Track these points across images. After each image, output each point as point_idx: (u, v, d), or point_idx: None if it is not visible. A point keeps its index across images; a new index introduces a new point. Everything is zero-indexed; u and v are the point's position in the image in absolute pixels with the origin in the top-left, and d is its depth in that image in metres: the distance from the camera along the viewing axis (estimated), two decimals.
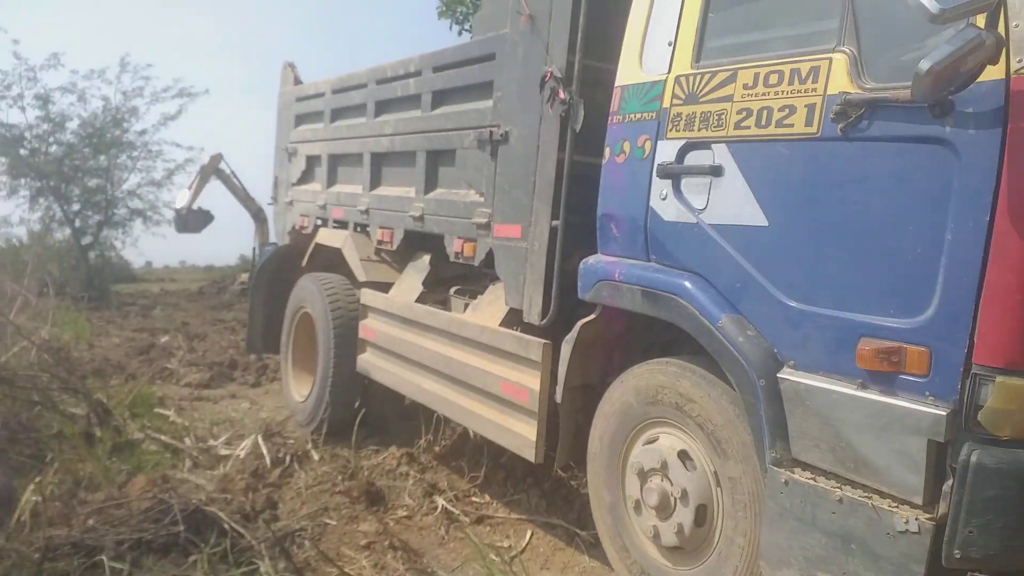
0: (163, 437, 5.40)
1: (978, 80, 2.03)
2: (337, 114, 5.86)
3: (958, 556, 2.07)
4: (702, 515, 2.87)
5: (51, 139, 16.46)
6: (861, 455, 2.31)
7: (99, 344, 9.79)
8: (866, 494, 2.29)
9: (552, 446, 3.61)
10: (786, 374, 2.50)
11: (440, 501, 4.35)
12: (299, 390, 5.89)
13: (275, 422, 6.04)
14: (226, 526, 3.64)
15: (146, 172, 17.62)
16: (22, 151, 16.14)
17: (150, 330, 11.55)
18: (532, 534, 4.09)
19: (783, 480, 2.47)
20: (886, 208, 2.28)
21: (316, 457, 5.05)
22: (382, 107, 5.21)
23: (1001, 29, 2.00)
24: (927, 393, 2.18)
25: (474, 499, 4.46)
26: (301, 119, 6.50)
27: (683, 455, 2.93)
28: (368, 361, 5.07)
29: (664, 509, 2.97)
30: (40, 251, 14.03)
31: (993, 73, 2.03)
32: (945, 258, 2.12)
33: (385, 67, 5.17)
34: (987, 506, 2.04)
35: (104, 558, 3.19)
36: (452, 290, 4.66)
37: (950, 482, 2.11)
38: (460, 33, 9.60)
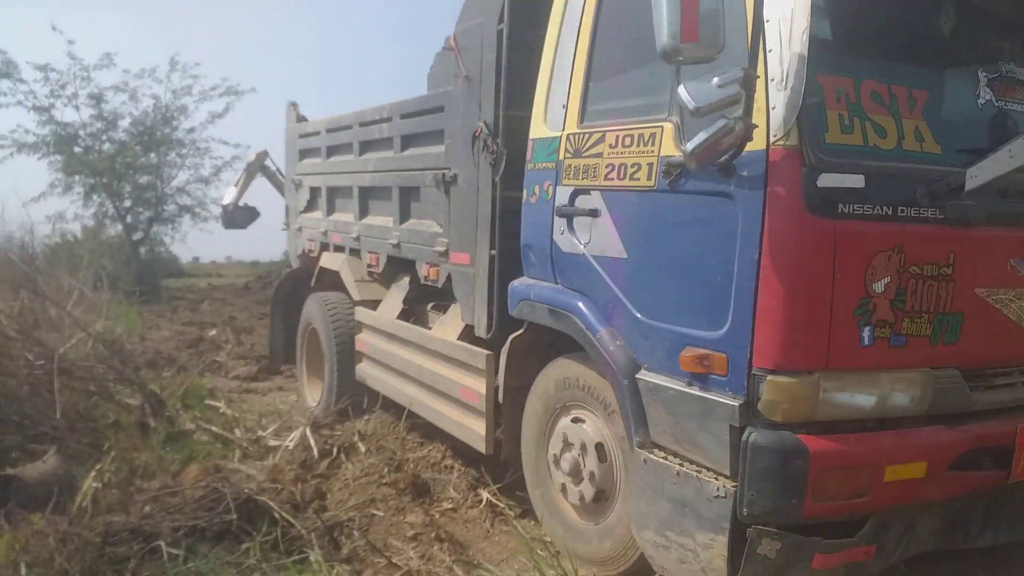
0: (214, 428, 5.53)
1: (749, 149, 2.57)
2: (331, 151, 6.45)
3: (746, 513, 2.64)
4: (605, 477, 3.42)
5: (104, 137, 16.92)
6: (691, 438, 2.88)
7: (150, 337, 10.06)
8: (696, 469, 2.85)
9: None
10: (642, 375, 3.06)
11: (485, 494, 4.38)
12: (312, 395, 6.52)
13: (323, 414, 6.14)
14: (276, 515, 3.72)
15: (194, 169, 18.04)
16: (76, 149, 16.60)
17: (199, 324, 11.82)
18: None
19: (643, 459, 3.05)
20: (698, 246, 2.86)
21: (363, 449, 5.11)
22: (365, 147, 5.78)
23: (762, 111, 2.54)
24: (727, 389, 2.72)
25: (518, 493, 4.47)
26: (304, 153, 7.11)
27: (586, 426, 3.53)
28: (364, 370, 5.70)
29: (576, 474, 3.53)
30: (94, 246, 14.42)
31: (760, 144, 2.57)
32: (734, 285, 2.67)
33: (366, 112, 5.78)
34: (761, 475, 2.59)
35: (162, 544, 3.28)
36: (430, 306, 5.16)
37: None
38: None
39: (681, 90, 2.53)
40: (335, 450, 5.09)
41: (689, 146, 2.58)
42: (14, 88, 15.72)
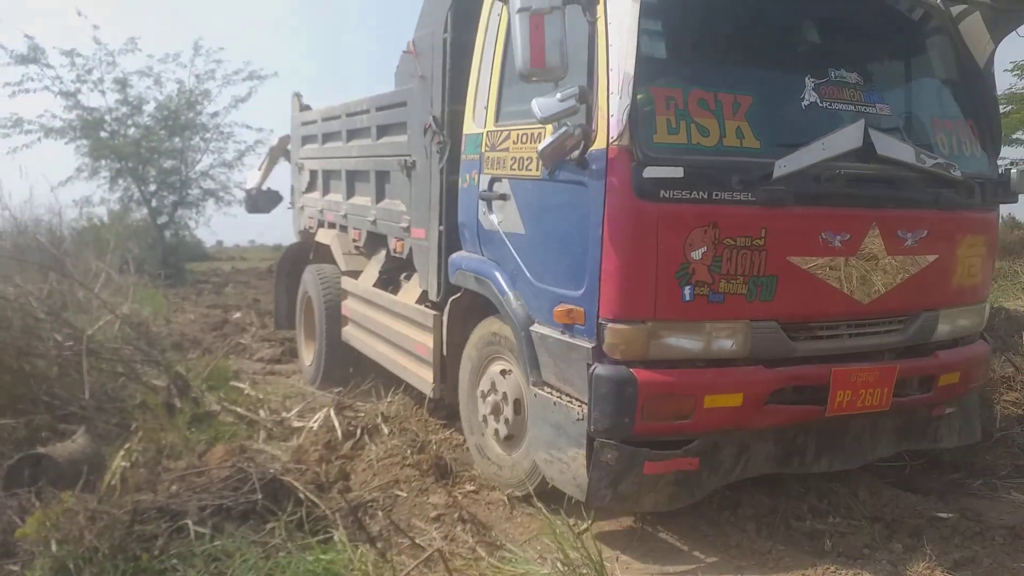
0: (239, 409, 5.58)
1: (596, 148, 3.31)
2: (326, 137, 7.16)
3: (593, 430, 3.41)
4: (519, 410, 4.12)
5: (129, 122, 17.04)
6: (564, 375, 3.63)
7: (175, 320, 10.16)
8: (568, 399, 3.59)
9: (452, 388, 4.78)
10: (534, 328, 3.83)
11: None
12: (307, 357, 7.27)
13: (346, 396, 6.18)
14: (301, 496, 3.75)
15: (218, 153, 18.14)
16: (102, 134, 16.74)
17: (223, 307, 11.93)
18: (596, 511, 4.09)
19: (535, 395, 3.81)
20: (566, 224, 3.63)
21: (386, 431, 5.14)
22: (351, 135, 6.48)
23: (604, 118, 3.26)
24: (585, 335, 3.48)
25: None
26: (305, 140, 7.85)
27: (506, 372, 4.23)
28: (348, 332, 6.44)
29: (497, 412, 4.27)
30: (120, 230, 14.53)
31: (603, 144, 3.28)
32: (587, 255, 3.42)
33: (352, 103, 6.51)
34: (602, 399, 3.35)
35: (189, 522, 3.32)
36: (403, 275, 5.76)
37: None
38: None
39: (532, 103, 3.29)
40: (359, 431, 5.12)
41: (540, 147, 3.41)
42: (41, 74, 15.86)
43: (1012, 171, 4.08)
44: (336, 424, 5.17)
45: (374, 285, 5.95)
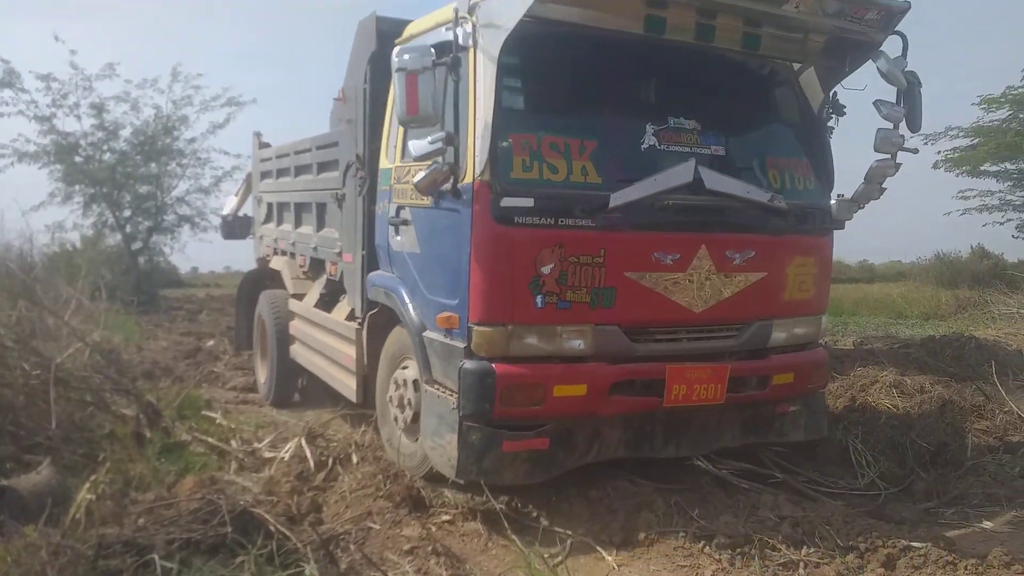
0: (210, 439, 5.50)
1: (466, 181, 4.01)
2: (280, 173, 7.79)
3: (461, 415, 4.11)
4: (418, 406, 4.70)
5: (105, 147, 16.91)
6: (446, 372, 4.27)
7: (148, 347, 10.03)
8: (448, 393, 4.25)
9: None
10: (426, 333, 4.50)
11: (481, 508, 4.35)
12: (262, 375, 7.84)
13: (318, 424, 6.12)
14: (272, 528, 3.68)
15: (194, 179, 18.04)
16: (77, 158, 16.59)
17: (196, 334, 11.79)
18: (571, 543, 4.07)
19: (426, 391, 4.51)
20: (446, 245, 4.28)
21: (355, 460, 5.09)
22: (298, 170, 7.14)
23: (471, 158, 4.00)
24: (460, 338, 4.14)
25: (516, 504, 4.45)
26: (263, 175, 8.48)
27: (409, 372, 4.84)
28: (295, 351, 7.02)
29: (402, 407, 4.87)
30: (93, 256, 14.39)
31: (470, 179, 3.99)
32: (460, 271, 4.11)
33: (299, 143, 7.20)
34: (468, 389, 4.05)
35: (155, 557, 3.24)
36: (341, 296, 6.18)
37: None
38: None
39: (409, 144, 4.11)
40: (331, 461, 5.06)
41: (415, 180, 4.12)
42: (16, 98, 15.75)
43: (834, 203, 4.84)
44: (308, 454, 5.11)
45: (315, 306, 6.55)
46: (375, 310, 5.22)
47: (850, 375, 7.27)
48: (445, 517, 4.39)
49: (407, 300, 4.69)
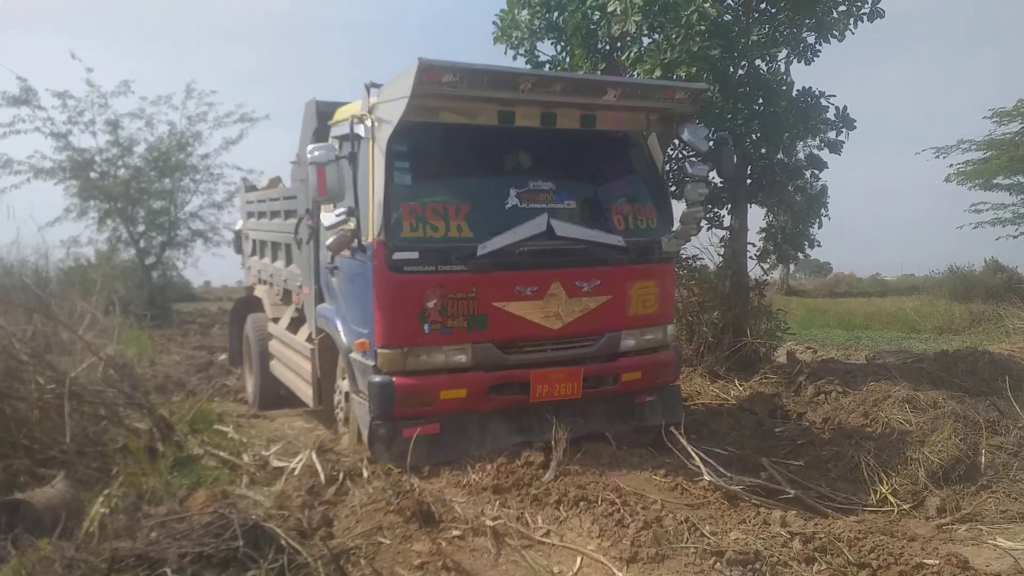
0: (222, 453, 5.53)
1: (369, 240, 5.12)
2: (260, 215, 8.93)
3: (371, 415, 5.26)
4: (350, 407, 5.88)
5: (119, 163, 17.07)
6: (363, 384, 5.37)
7: (161, 361, 10.09)
8: (364, 399, 5.36)
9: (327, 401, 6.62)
10: (351, 354, 5.61)
11: (491, 523, 4.35)
12: (250, 385, 8.84)
13: (328, 439, 6.14)
14: (284, 542, 3.70)
15: (208, 194, 18.16)
16: (92, 174, 16.76)
17: (209, 348, 11.86)
18: (582, 560, 4.06)
19: (351, 398, 5.71)
20: (360, 287, 5.43)
21: (365, 474, 5.10)
22: (273, 214, 8.28)
23: (371, 223, 5.12)
24: (370, 358, 5.27)
25: (526, 520, 4.45)
26: (249, 215, 9.64)
27: (345, 383, 5.94)
28: (273, 366, 8.07)
29: (341, 409, 6.19)
30: (107, 270, 14.49)
31: (370, 238, 5.13)
32: (369, 308, 5.26)
33: (274, 191, 8.59)
34: (375, 396, 5.18)
35: (167, 571, 3.26)
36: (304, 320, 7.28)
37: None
38: (515, 58, 9.70)
39: (322, 216, 5.46)
40: (341, 475, 5.07)
41: (326, 242, 5.36)
42: (33, 115, 15.94)
43: (664, 238, 5.97)
44: (319, 468, 5.12)
45: (287, 328, 7.62)
46: (323, 334, 6.31)
47: (862, 390, 7.23)
48: (455, 532, 4.38)
49: (339, 328, 5.88)
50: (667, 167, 6.37)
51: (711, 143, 5.76)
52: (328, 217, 5.30)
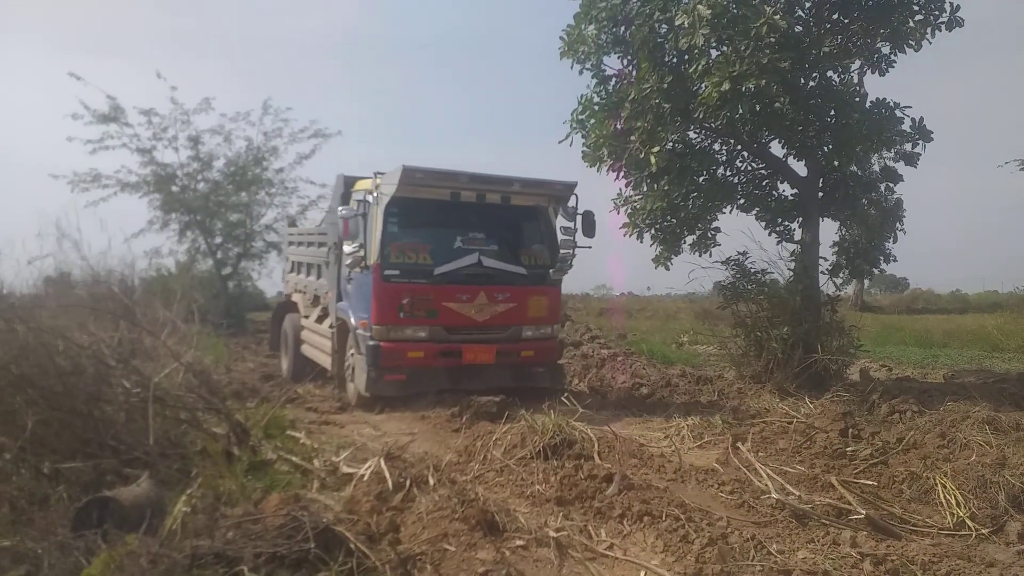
0: (294, 458, 5.70)
1: (371, 262, 9.00)
2: (299, 244, 12.88)
3: (367, 365, 8.92)
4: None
5: (200, 177, 17.81)
6: (363, 347, 8.98)
7: (236, 368, 10.47)
8: (363, 356, 8.97)
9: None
10: (357, 330, 9.23)
11: (554, 535, 4.38)
12: (284, 365, 12.15)
13: (396, 446, 6.26)
14: (353, 546, 3.80)
15: (282, 207, 18.79)
16: (174, 188, 17.52)
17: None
18: (645, 574, 4.05)
19: (356, 357, 9.27)
20: (365, 290, 9.18)
21: (432, 482, 5.19)
22: (308, 244, 12.16)
23: (374, 253, 9.03)
24: (368, 332, 8.98)
25: (590, 532, 4.46)
26: (290, 243, 13.60)
27: (353, 351, 9.44)
28: (304, 349, 11.53)
29: (350, 366, 9.48)
30: (186, 280, 15.08)
31: (372, 261, 9.02)
32: (371, 302, 9.00)
33: (308, 229, 12.96)
34: (370, 355, 8.85)
35: (244, 568, 3.40)
36: (327, 316, 10.73)
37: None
38: (580, 72, 9.76)
39: (344, 246, 9.22)
40: (408, 482, 5.17)
41: (346, 263, 9.50)
42: (120, 132, 16.77)
43: (551, 271, 9.58)
44: (387, 474, 5.23)
45: (315, 321, 11.14)
46: (340, 322, 9.84)
47: (939, 410, 7.00)
48: (519, 542, 4.43)
49: (351, 315, 9.40)
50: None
51: (579, 215, 9.39)
52: (348, 248, 9.02)
